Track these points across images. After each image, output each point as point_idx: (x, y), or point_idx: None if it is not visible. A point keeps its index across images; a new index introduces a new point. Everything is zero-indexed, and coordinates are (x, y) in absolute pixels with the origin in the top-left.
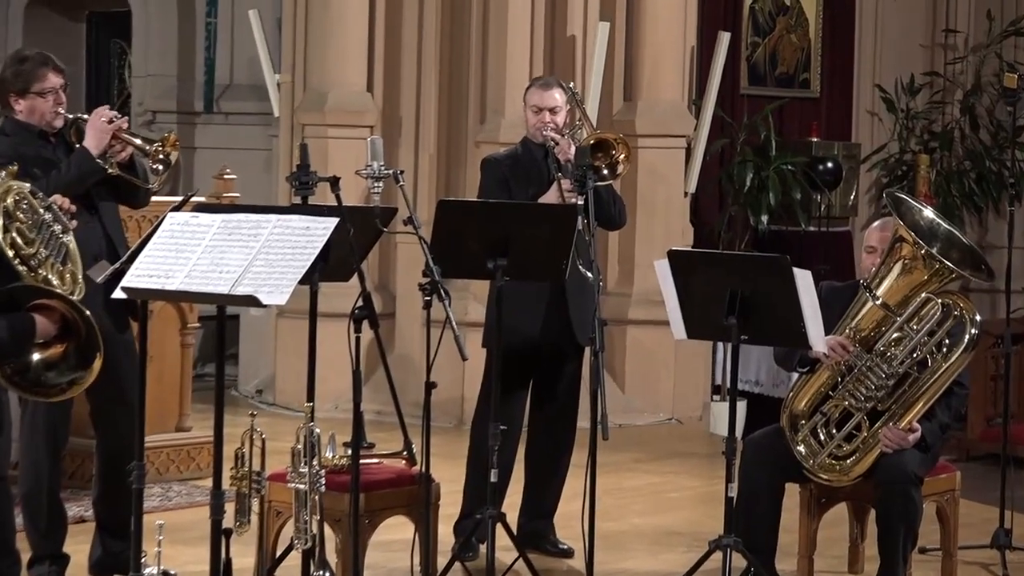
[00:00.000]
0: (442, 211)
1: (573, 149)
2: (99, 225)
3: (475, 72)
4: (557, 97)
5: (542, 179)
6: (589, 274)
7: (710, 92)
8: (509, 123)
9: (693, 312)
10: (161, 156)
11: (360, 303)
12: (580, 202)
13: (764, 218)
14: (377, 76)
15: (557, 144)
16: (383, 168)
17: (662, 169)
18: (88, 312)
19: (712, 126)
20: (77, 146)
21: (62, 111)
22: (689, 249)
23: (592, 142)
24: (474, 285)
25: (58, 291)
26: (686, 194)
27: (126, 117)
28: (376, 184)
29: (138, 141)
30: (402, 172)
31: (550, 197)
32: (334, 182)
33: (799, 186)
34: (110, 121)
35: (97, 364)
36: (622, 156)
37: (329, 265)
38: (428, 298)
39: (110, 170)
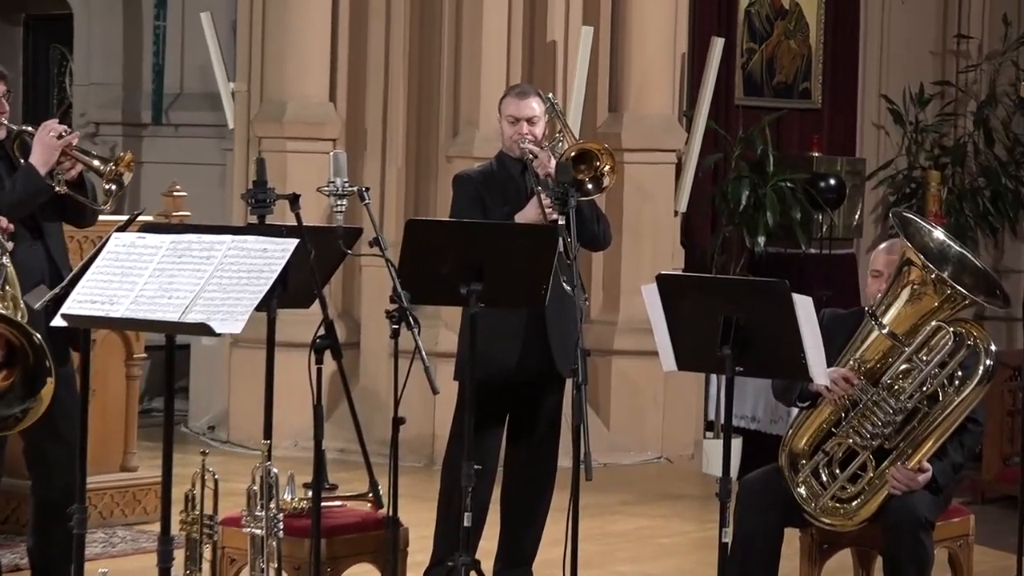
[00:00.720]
0: (411, 231)
1: (553, 162)
2: (42, 247)
3: (447, 81)
4: (535, 106)
5: (520, 196)
6: (579, 298)
7: (702, 103)
8: (484, 136)
9: (684, 342)
10: (114, 176)
11: (322, 331)
12: (562, 221)
13: (761, 239)
14: (340, 85)
15: (535, 157)
16: (347, 185)
17: (650, 186)
18: (37, 335)
19: (704, 140)
20: (22, 162)
21: (4, 121)
22: (680, 273)
23: (574, 153)
24: (446, 312)
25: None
26: (676, 213)
27: (77, 133)
28: (339, 202)
29: (95, 163)
30: (367, 189)
31: (528, 214)
32: (293, 200)
33: (799, 205)
34: (59, 136)
35: (48, 390)
36: (607, 168)
37: (288, 290)
38: (396, 326)
39: (58, 188)
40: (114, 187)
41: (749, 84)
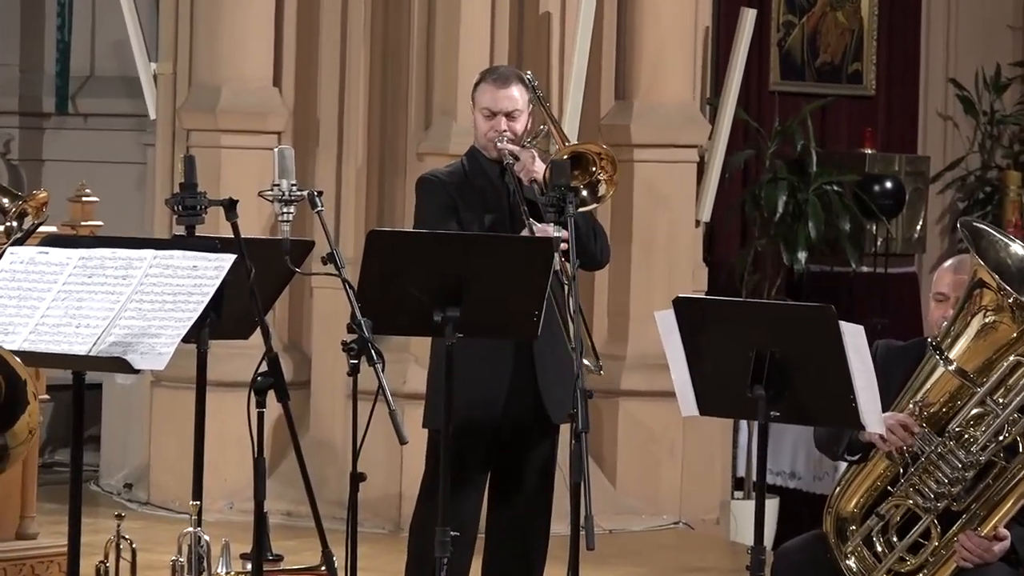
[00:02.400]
0: (374, 245)
1: (538, 165)
2: None
3: (417, 61)
4: (516, 96)
5: (499, 203)
6: (573, 346)
7: (730, 88)
8: (462, 129)
9: (707, 380)
10: (16, 217)
11: (264, 368)
12: (557, 234)
13: (802, 255)
14: (287, 66)
15: (516, 159)
16: (295, 188)
17: (666, 190)
18: (16, 360)
19: (733, 133)
20: None
21: None
22: (702, 296)
23: (565, 156)
24: (416, 344)
25: None
26: (698, 223)
27: None
28: (286, 209)
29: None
30: (320, 193)
31: None
32: (230, 206)
33: (848, 213)
34: None
35: (25, 422)
36: (604, 176)
37: (223, 317)
38: (354, 361)
39: None
40: (13, 224)
41: (787, 66)
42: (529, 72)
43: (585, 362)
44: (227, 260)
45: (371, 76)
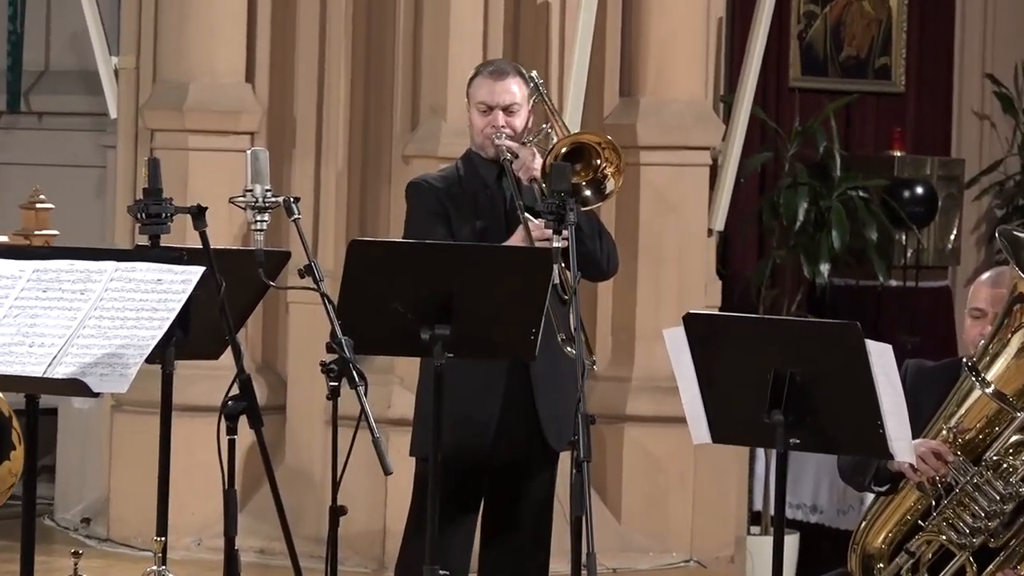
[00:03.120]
0: (356, 256)
1: (539, 162)
2: None
3: (404, 55)
4: (514, 90)
5: (496, 208)
6: (571, 350)
7: (745, 84)
8: (453, 129)
9: (721, 404)
10: None
11: (235, 391)
12: (557, 243)
13: (824, 268)
14: (261, 61)
15: (516, 157)
16: (269, 194)
17: (676, 196)
18: None
19: (749, 134)
20: None
21: None
22: (715, 312)
23: (565, 149)
24: (401, 365)
25: None
26: (711, 232)
27: None
28: (259, 217)
29: None
30: (297, 200)
31: (513, 243)
32: (198, 214)
33: (875, 221)
34: None
35: (7, 468)
36: (610, 168)
37: (190, 336)
38: (334, 384)
39: None
40: None
41: (809, 60)
42: (534, 72)
43: (571, 351)
44: (195, 273)
45: (353, 71)
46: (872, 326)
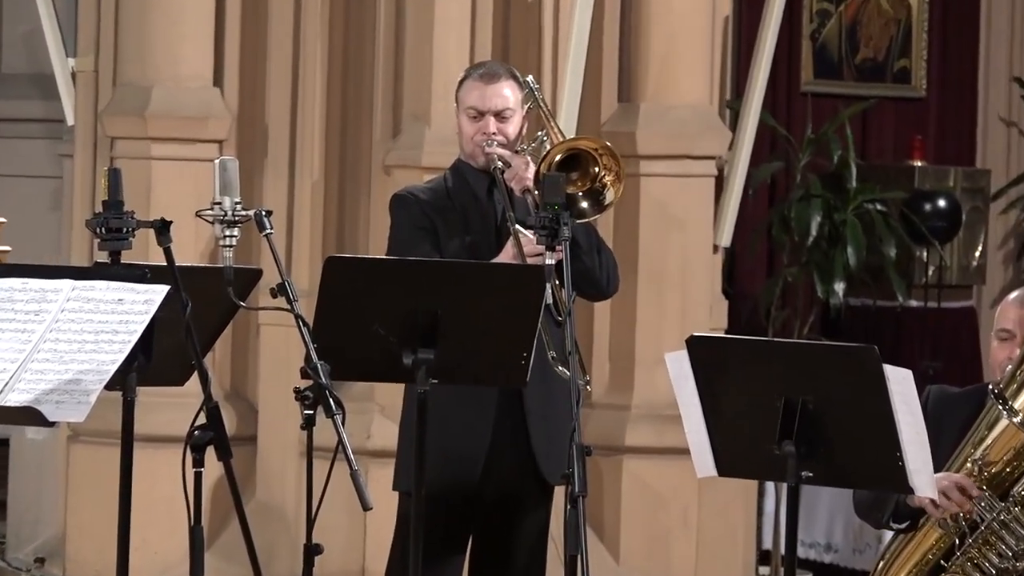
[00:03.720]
0: (333, 274)
1: (532, 172)
2: None
3: (384, 57)
4: (507, 94)
5: (486, 223)
6: (563, 370)
7: (754, 88)
8: (438, 137)
9: (727, 434)
10: None
11: (202, 420)
12: (551, 260)
13: (839, 287)
14: (230, 62)
15: (508, 166)
16: (239, 207)
17: (679, 209)
18: None
19: (758, 142)
20: None
21: None
22: (721, 335)
23: (559, 156)
24: (382, 392)
25: None
26: (716, 248)
27: None
28: (229, 232)
29: None
30: (269, 213)
31: (504, 260)
32: (162, 228)
33: (894, 237)
34: None
35: None
36: (609, 177)
37: (154, 360)
38: (309, 412)
39: None
40: None
41: (822, 62)
42: (529, 76)
43: (566, 372)
44: (158, 292)
45: (329, 75)
46: (891, 350)
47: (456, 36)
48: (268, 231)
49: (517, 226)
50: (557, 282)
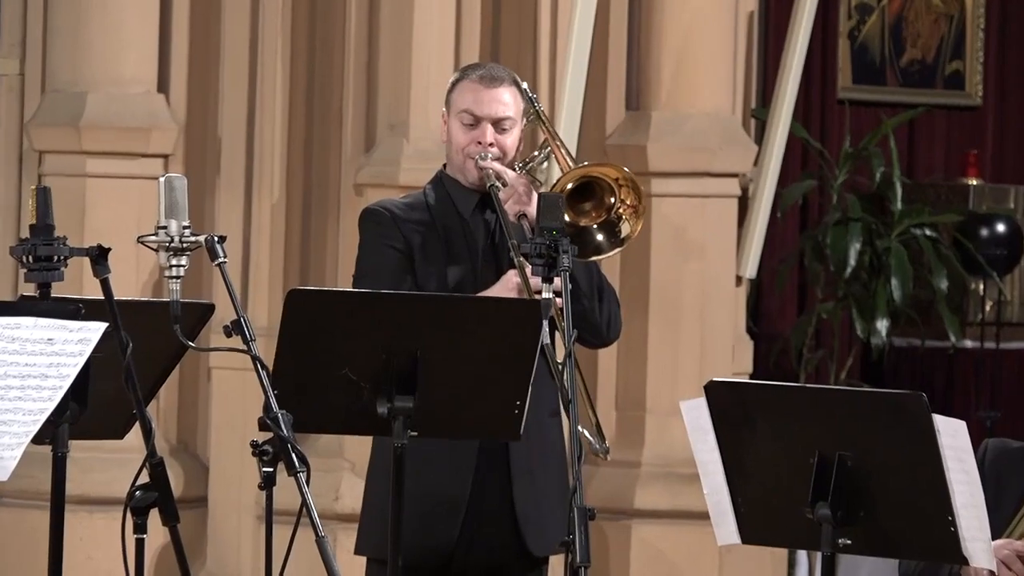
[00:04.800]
0: (295, 309)
1: (534, 196)
2: None
3: (356, 60)
4: (508, 100)
5: (475, 247)
6: (587, 433)
7: (783, 96)
8: (418, 150)
9: (752, 495)
10: None
11: (144, 478)
12: (548, 295)
13: (882, 324)
14: (177, 66)
15: (505, 185)
16: (188, 232)
17: (697, 235)
18: None
19: (787, 157)
20: None
21: None
22: (745, 381)
23: (571, 184)
24: (352, 446)
25: None
26: (740, 280)
27: None
28: (175, 261)
29: None
30: (223, 239)
31: (499, 293)
32: (99, 256)
33: (945, 267)
34: None
35: None
36: (626, 207)
37: (89, 409)
38: (268, 470)
39: None
40: None
41: (862, 65)
42: (525, 84)
43: (587, 435)
44: (94, 331)
45: (292, 79)
46: (942, 397)
47: (438, 34)
48: (221, 260)
49: (519, 259)
50: (555, 319)
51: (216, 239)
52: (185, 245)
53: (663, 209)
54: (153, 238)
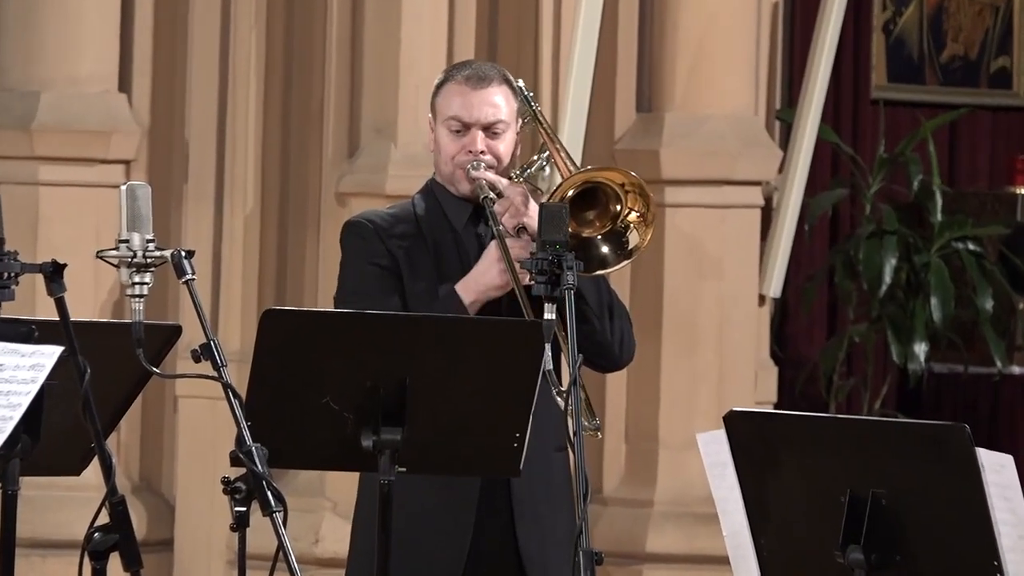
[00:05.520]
0: (271, 332)
1: (533, 206)
2: None
3: (338, 57)
4: (499, 102)
5: (463, 264)
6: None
7: (810, 96)
8: (406, 156)
9: (776, 537)
10: None
11: (104, 519)
12: (550, 316)
13: (920, 348)
14: (140, 63)
15: (500, 196)
16: (152, 246)
17: (716, 250)
18: None
19: (816, 164)
20: None
21: None
22: (769, 411)
23: (573, 192)
24: (334, 484)
25: None
26: (763, 300)
27: None
28: (138, 278)
29: None
30: (190, 254)
31: (483, 280)
32: (53, 273)
33: (990, 285)
34: None
35: None
36: (634, 215)
37: (43, 442)
38: (241, 509)
39: None
40: None
41: (897, 61)
42: (520, 81)
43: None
44: (49, 355)
45: (267, 78)
46: (986, 429)
47: (429, 27)
48: (189, 277)
49: (495, 207)
50: (559, 341)
51: (183, 254)
52: (149, 261)
53: (677, 221)
54: (114, 253)
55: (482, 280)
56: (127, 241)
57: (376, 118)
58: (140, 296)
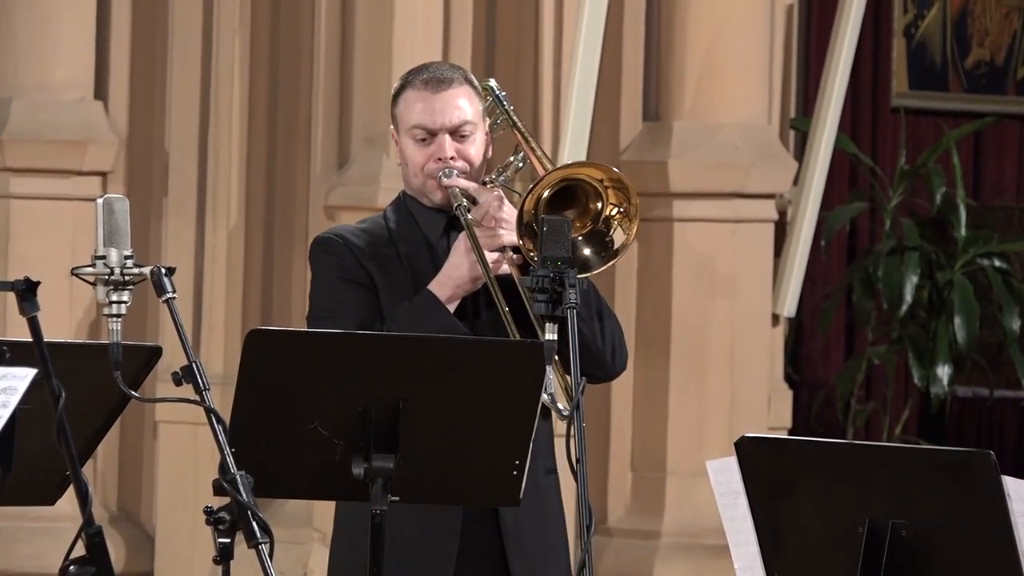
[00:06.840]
0: (256, 353)
1: (507, 211)
2: None
3: (327, 64)
4: (463, 104)
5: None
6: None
7: (827, 104)
8: (398, 168)
9: (791, 571)
10: None
11: (80, 551)
12: (551, 336)
13: (943, 371)
14: (117, 69)
15: (474, 203)
16: (130, 263)
17: (727, 266)
18: None
19: (833, 176)
20: None
21: None
22: (783, 437)
23: (548, 192)
24: (322, 514)
25: None
26: (777, 320)
27: None
28: (116, 297)
29: None
30: (171, 271)
31: (455, 276)
32: (26, 291)
33: (1017, 303)
34: None
35: None
36: (615, 212)
37: (15, 471)
38: (225, 540)
39: None
40: None
41: (919, 67)
42: (492, 80)
43: (546, 398)
44: (21, 378)
45: (252, 84)
46: (1014, 455)
47: (423, 32)
48: (170, 295)
49: (470, 216)
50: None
51: (164, 271)
52: (127, 278)
53: (686, 236)
54: (90, 270)
55: (455, 275)
56: (104, 257)
57: (367, 127)
58: (118, 316)
